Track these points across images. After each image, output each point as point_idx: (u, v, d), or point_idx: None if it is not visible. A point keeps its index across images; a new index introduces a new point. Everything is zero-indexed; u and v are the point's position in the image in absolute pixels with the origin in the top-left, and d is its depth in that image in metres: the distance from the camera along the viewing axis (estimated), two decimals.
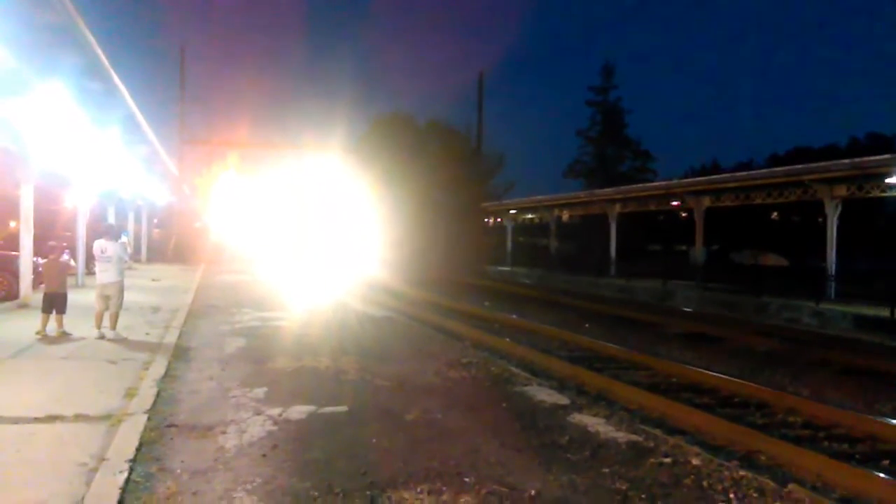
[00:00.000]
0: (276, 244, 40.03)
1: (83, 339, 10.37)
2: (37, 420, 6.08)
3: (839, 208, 22.30)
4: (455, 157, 37.45)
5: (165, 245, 40.63)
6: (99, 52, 10.76)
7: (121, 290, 10.81)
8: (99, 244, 10.77)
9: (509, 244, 45.03)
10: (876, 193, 21.68)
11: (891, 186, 21.01)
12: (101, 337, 10.46)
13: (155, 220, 45.34)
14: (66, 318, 10.76)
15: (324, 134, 41.34)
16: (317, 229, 39.32)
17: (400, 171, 34.53)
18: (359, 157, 37.98)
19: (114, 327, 10.70)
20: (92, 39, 10.22)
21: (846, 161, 21.90)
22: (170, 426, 6.13)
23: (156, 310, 14.61)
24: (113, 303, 10.65)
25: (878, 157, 20.53)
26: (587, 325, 16.79)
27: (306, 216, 40.60)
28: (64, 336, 10.48)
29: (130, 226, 31.67)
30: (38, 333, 10.41)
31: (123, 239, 11.60)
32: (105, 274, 10.68)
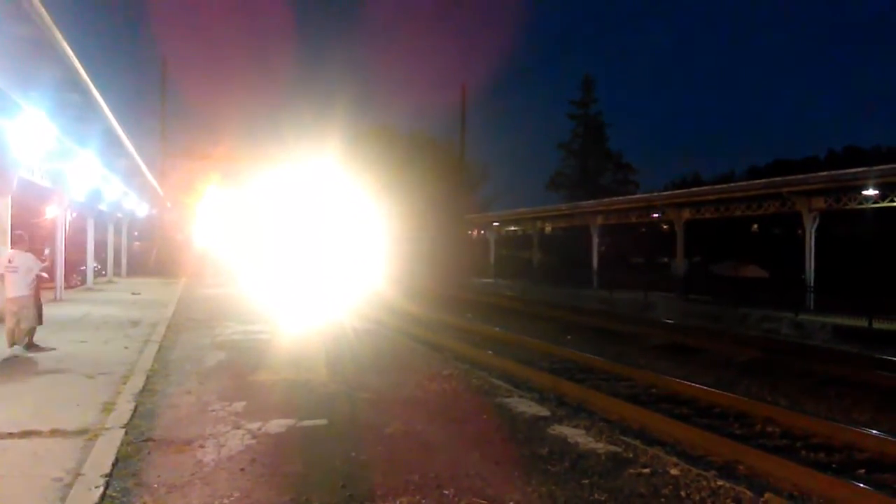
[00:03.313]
0: (259, 257, 39.76)
1: (58, 352, 10.25)
2: (11, 435, 6.00)
3: (817, 220, 22.59)
4: (440, 170, 37.58)
5: (146, 258, 40.23)
6: (77, 64, 10.64)
7: (27, 305, 10.08)
8: (6, 255, 10.21)
9: (492, 256, 45.12)
10: (853, 206, 21.96)
11: (867, 199, 21.33)
12: (60, 351, 10.19)
13: (135, 233, 44.89)
14: (39, 332, 10.61)
15: (308, 146, 41.27)
16: (301, 241, 39.13)
17: (385, 182, 34.56)
18: (343, 169, 37.96)
19: (21, 343, 10.12)
20: (70, 52, 10.12)
21: (823, 174, 22.17)
22: (147, 440, 6.08)
23: (135, 324, 14.48)
24: (23, 317, 9.99)
25: (854, 170, 20.76)
26: (569, 337, 16.86)
27: (291, 228, 40.40)
28: (39, 350, 10.34)
29: (110, 238, 31.33)
30: (10, 347, 10.26)
31: (46, 253, 11.11)
32: (12, 287, 10.01)
